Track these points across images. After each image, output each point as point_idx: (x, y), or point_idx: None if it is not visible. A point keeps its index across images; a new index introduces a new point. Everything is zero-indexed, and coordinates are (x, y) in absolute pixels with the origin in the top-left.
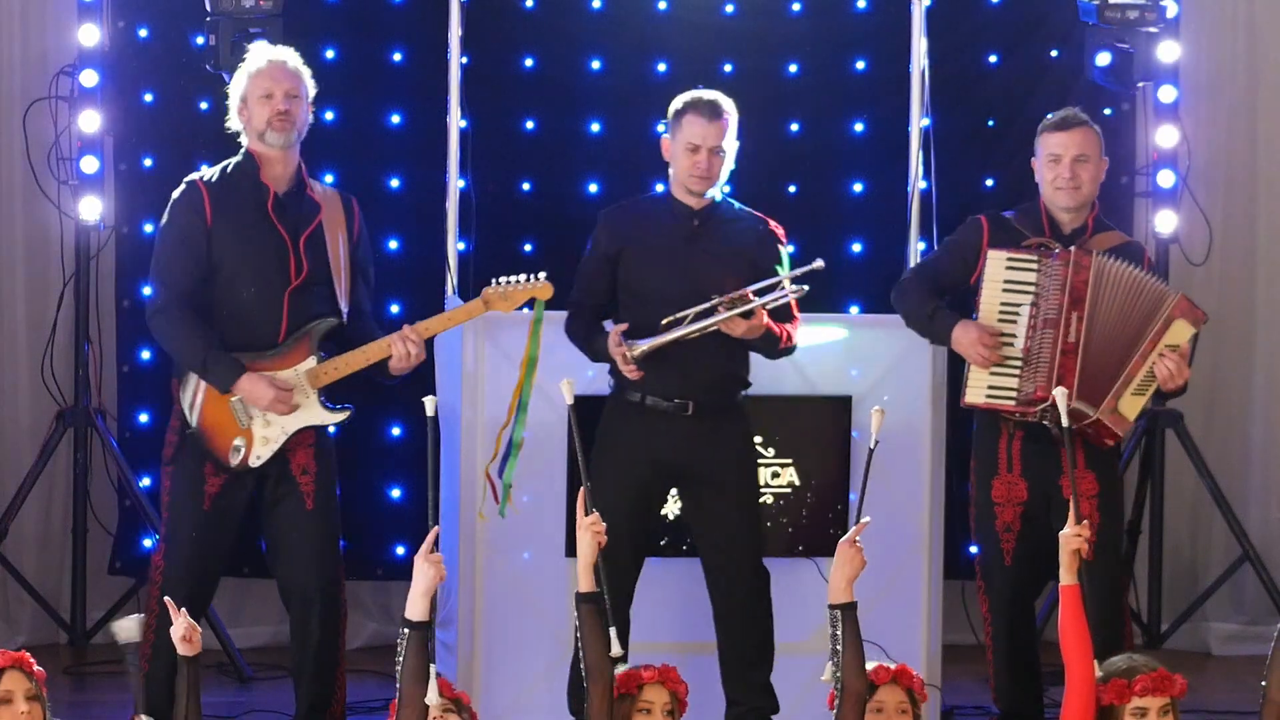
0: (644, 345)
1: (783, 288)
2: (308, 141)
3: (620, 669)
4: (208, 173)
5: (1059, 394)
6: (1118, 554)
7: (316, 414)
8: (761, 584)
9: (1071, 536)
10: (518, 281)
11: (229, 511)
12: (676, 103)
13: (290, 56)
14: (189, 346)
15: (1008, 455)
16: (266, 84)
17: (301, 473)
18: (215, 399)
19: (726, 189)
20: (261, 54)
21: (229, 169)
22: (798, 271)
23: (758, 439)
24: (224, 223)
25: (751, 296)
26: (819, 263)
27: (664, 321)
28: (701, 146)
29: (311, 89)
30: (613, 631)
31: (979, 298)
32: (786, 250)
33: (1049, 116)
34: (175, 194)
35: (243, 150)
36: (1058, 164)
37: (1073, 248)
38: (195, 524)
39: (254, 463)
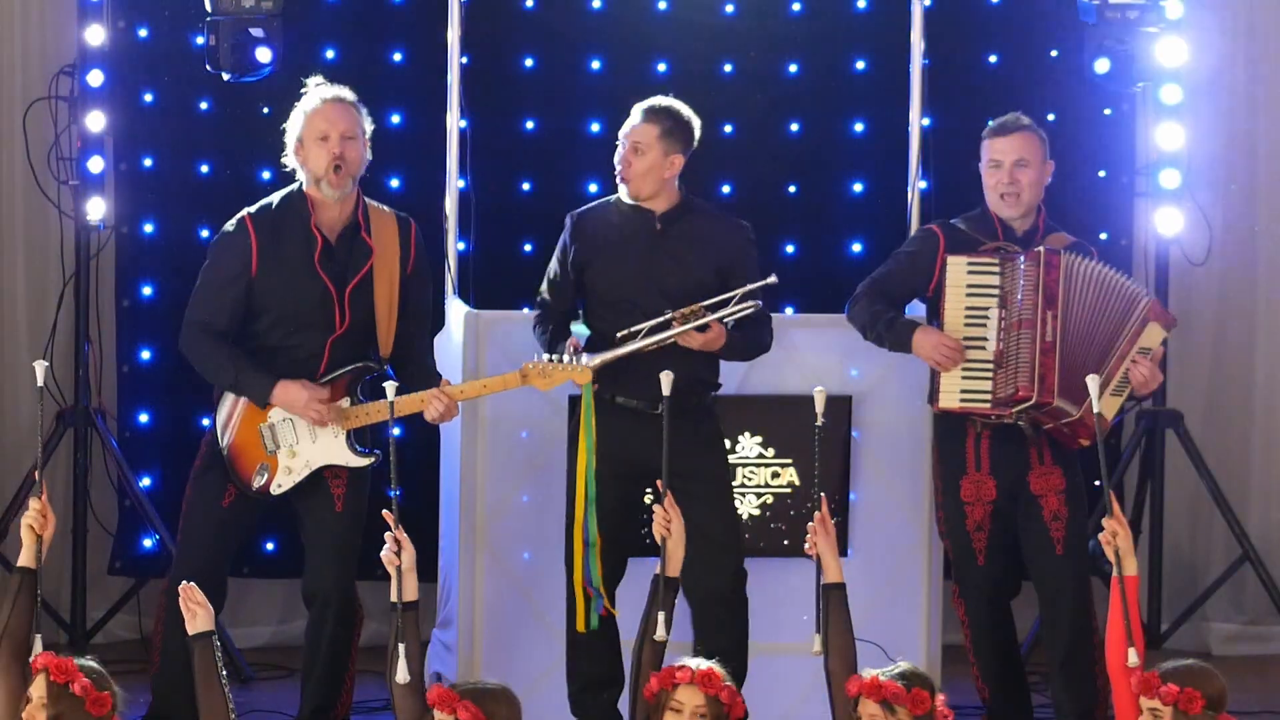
0: (597, 360)
1: (732, 303)
2: None
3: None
4: (261, 206)
5: (1091, 381)
6: (1084, 549)
7: (342, 453)
8: (738, 584)
9: (1107, 534)
10: (558, 361)
11: (245, 518)
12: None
13: (347, 94)
14: (221, 365)
15: (975, 454)
16: (322, 125)
17: (334, 477)
18: (248, 423)
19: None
20: (317, 92)
21: (282, 205)
22: (751, 286)
23: (758, 439)
24: (269, 270)
25: (704, 311)
26: (772, 278)
27: (619, 335)
28: (618, 143)
29: (368, 126)
30: (661, 616)
31: (942, 305)
32: (746, 247)
33: (990, 122)
34: (228, 226)
35: (298, 186)
36: (999, 169)
37: (1041, 248)
38: (210, 530)
39: (274, 490)
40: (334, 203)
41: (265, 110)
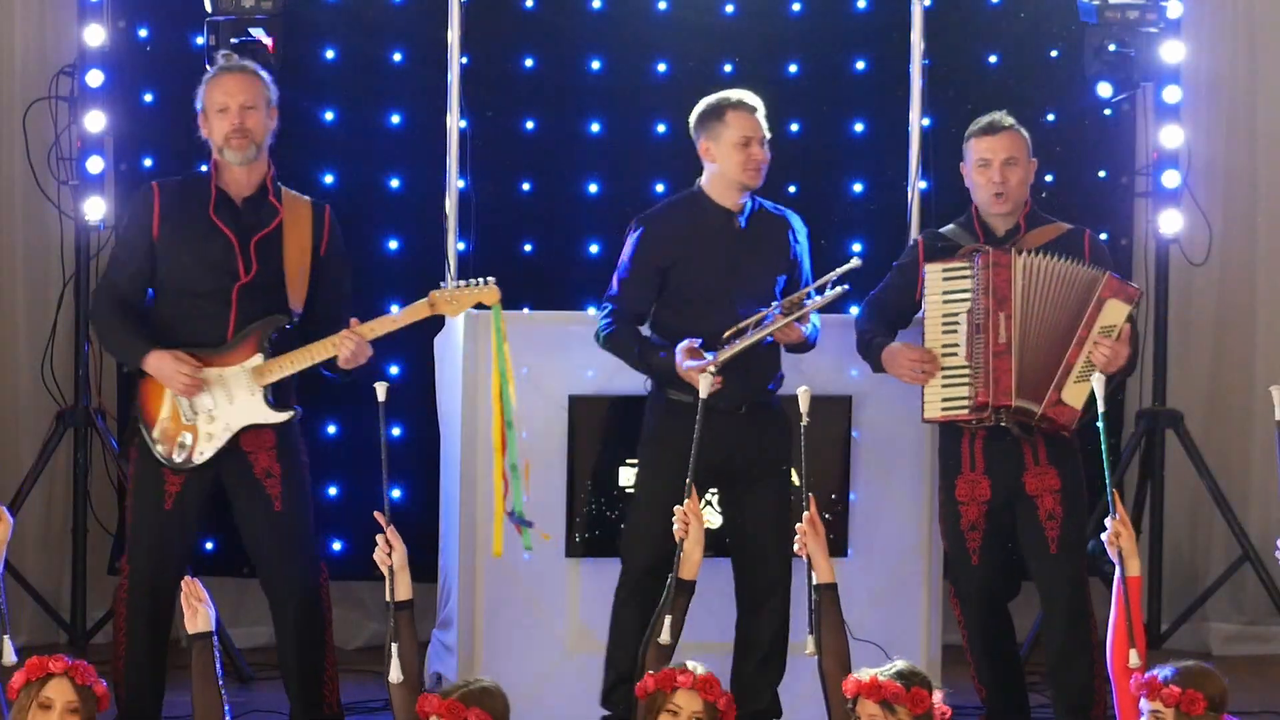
0: (720, 359)
1: (826, 288)
2: (307, 141)
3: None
4: (172, 178)
5: (1096, 380)
6: (1081, 549)
7: (261, 412)
8: (788, 584)
9: (1111, 534)
10: (464, 284)
11: (190, 511)
12: (709, 104)
13: (248, 64)
14: (108, 335)
15: (970, 454)
16: (221, 97)
17: (266, 476)
18: (167, 397)
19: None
20: (219, 64)
21: (191, 175)
22: (840, 271)
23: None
24: (170, 227)
25: (803, 301)
26: (856, 261)
27: (726, 334)
28: (753, 139)
29: (273, 94)
30: (668, 620)
31: (924, 315)
32: (805, 240)
33: (975, 122)
34: (133, 195)
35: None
36: (988, 168)
37: (989, 249)
38: (158, 523)
39: (197, 459)
40: (240, 170)
41: None
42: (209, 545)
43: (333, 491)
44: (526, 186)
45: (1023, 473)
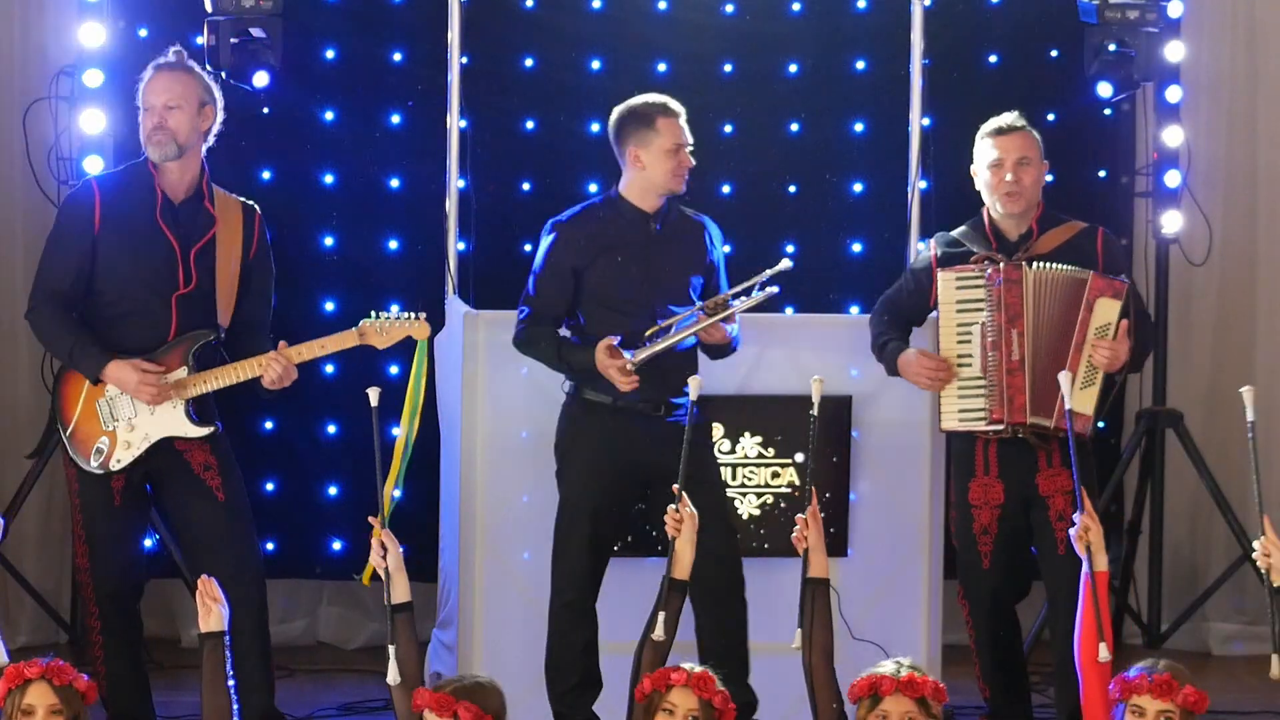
0: (639, 357)
1: (754, 289)
2: (307, 141)
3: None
4: (108, 172)
5: (1063, 378)
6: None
7: (180, 425)
8: (740, 579)
9: (1079, 529)
10: (395, 318)
11: (135, 510)
12: (635, 110)
13: (181, 63)
14: (58, 339)
15: (984, 458)
16: (149, 96)
17: (204, 469)
18: (88, 400)
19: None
20: (154, 62)
21: (129, 169)
22: (770, 273)
23: (758, 439)
24: (112, 228)
25: (729, 302)
26: (787, 262)
27: (648, 332)
28: (683, 145)
29: (207, 92)
30: (661, 616)
31: (939, 322)
32: (720, 247)
33: (987, 123)
34: (71, 191)
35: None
36: (1000, 168)
37: (1002, 262)
38: (113, 526)
39: (114, 466)
40: (174, 170)
41: (265, 110)
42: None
43: (332, 492)
44: (526, 186)
45: (1035, 474)
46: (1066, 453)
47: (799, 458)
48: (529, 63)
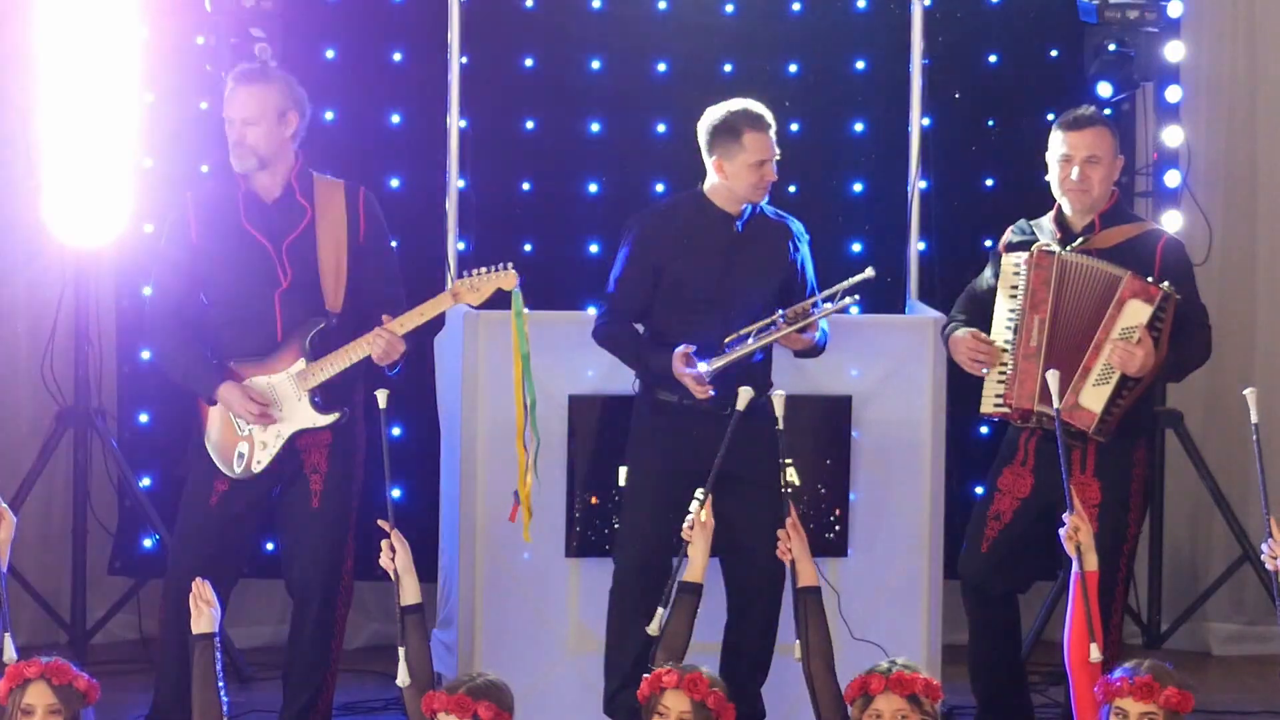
0: (715, 365)
1: (835, 298)
2: (307, 140)
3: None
4: (204, 180)
5: (1051, 376)
6: (1113, 568)
7: (308, 416)
8: (779, 589)
9: (1069, 529)
10: (483, 272)
11: (237, 512)
12: (724, 121)
13: (256, 76)
14: (172, 365)
15: (1025, 449)
16: (227, 109)
17: (312, 471)
18: (223, 410)
19: None
20: (232, 73)
21: (221, 175)
22: (852, 281)
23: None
24: (206, 235)
25: (810, 310)
26: (870, 271)
27: (727, 339)
28: (768, 160)
29: (286, 101)
30: (659, 613)
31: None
32: (806, 247)
33: (1065, 113)
34: (172, 206)
35: None
36: (1068, 164)
37: (1035, 248)
38: (201, 523)
39: (255, 468)
40: (263, 173)
41: None
42: None
43: None
44: (526, 186)
45: (1068, 479)
46: (1103, 460)
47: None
48: (529, 63)
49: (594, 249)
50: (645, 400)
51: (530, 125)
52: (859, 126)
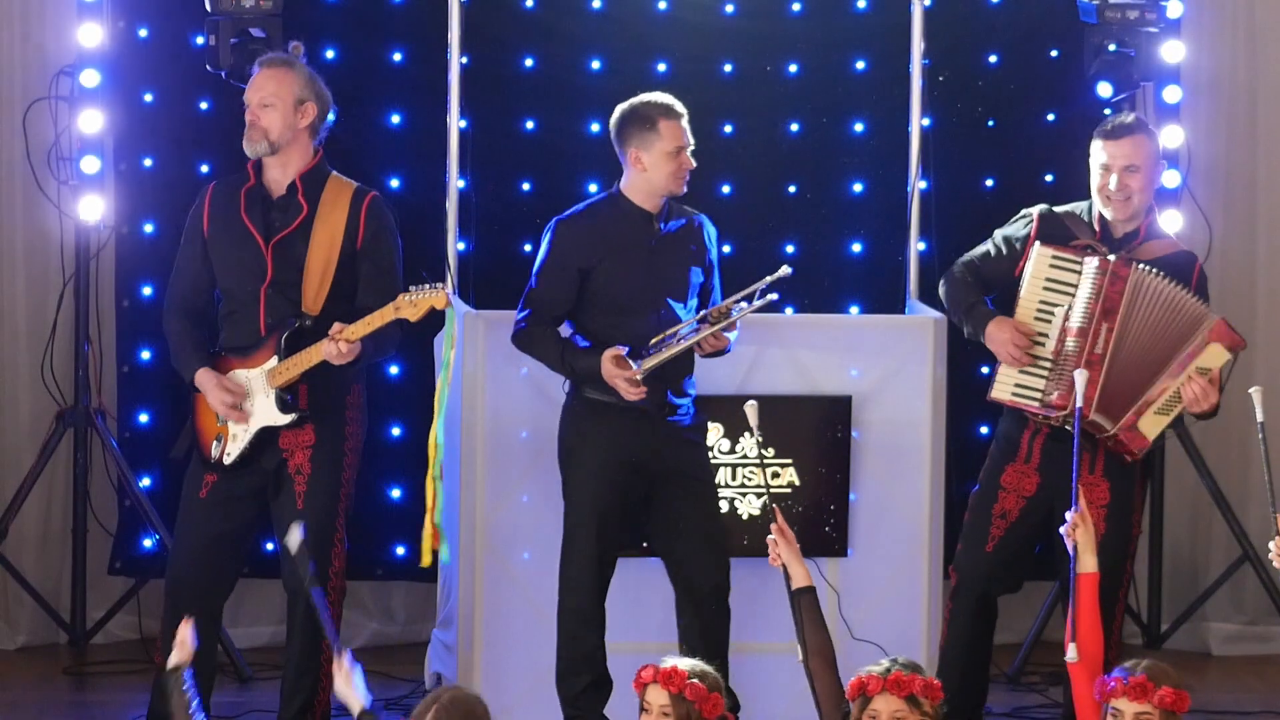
0: (646, 367)
1: (755, 297)
2: None
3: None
4: (227, 174)
5: (1079, 375)
6: (1118, 569)
7: (272, 413)
8: (727, 581)
9: (1069, 526)
10: (422, 290)
11: (225, 504)
12: (637, 111)
13: (279, 59)
14: (170, 343)
15: (1029, 446)
16: (247, 92)
17: (296, 473)
18: (205, 400)
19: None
20: (259, 59)
21: (243, 171)
22: (770, 279)
23: (758, 439)
24: (216, 226)
25: (731, 311)
26: (786, 269)
27: (653, 340)
28: (684, 147)
29: (306, 89)
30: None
31: (1020, 291)
32: (717, 242)
33: (1106, 120)
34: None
35: None
36: (1107, 173)
37: (1113, 256)
38: (193, 515)
39: (226, 459)
40: (274, 164)
41: None
42: None
43: None
44: (526, 186)
45: (1077, 478)
46: (1111, 462)
47: (783, 464)
48: (529, 63)
49: None
50: (578, 402)
51: (530, 125)
52: (859, 126)
